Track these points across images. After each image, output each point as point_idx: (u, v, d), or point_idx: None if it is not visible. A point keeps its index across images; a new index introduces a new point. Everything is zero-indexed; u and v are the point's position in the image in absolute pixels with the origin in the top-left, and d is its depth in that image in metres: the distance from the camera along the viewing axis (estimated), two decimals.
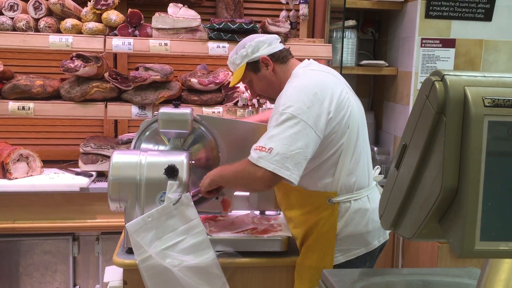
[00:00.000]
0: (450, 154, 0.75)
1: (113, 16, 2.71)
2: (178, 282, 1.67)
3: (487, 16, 3.01)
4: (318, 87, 1.68)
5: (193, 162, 1.94)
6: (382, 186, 1.90)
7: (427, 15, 2.96)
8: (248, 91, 2.83)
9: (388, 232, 1.84)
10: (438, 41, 2.99)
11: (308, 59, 1.88)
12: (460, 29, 3.00)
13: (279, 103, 1.67)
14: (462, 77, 0.76)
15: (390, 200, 0.90)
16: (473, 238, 0.74)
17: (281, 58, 1.84)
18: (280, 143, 1.58)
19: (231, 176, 1.71)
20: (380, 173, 1.90)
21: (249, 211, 2.09)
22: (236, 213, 2.08)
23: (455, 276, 1.21)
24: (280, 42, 1.87)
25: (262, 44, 1.83)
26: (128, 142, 2.80)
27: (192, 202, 1.74)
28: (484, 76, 0.77)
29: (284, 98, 1.66)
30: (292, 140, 1.58)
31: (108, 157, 2.74)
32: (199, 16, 2.75)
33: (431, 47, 2.99)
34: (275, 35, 1.91)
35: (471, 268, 1.27)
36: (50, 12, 2.73)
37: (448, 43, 3.00)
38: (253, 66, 1.84)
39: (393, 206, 0.89)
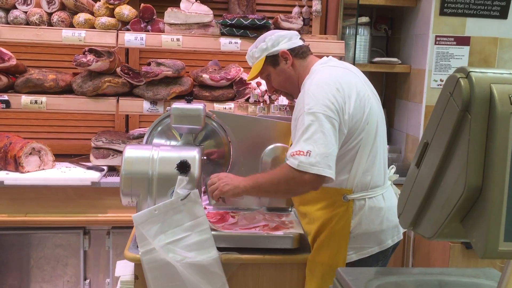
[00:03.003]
0: (475, 152, 0.73)
1: (126, 11, 2.71)
2: (178, 277, 1.66)
3: (503, 13, 2.97)
4: (339, 83, 1.66)
5: (204, 158, 1.93)
6: (396, 185, 1.90)
7: (442, 12, 2.93)
8: (260, 87, 2.84)
9: (402, 231, 1.83)
10: (452, 39, 2.96)
11: (327, 56, 1.87)
12: (475, 27, 2.96)
13: (303, 103, 1.65)
14: (488, 74, 0.75)
15: (410, 199, 0.89)
16: (497, 238, 0.73)
17: (300, 53, 1.83)
18: (316, 143, 1.57)
19: (271, 185, 1.66)
20: (395, 173, 1.89)
21: (260, 208, 2.08)
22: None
23: (472, 277, 1.19)
24: (300, 38, 1.87)
25: (283, 39, 1.82)
26: (139, 137, 2.80)
27: (200, 199, 1.74)
28: (511, 73, 0.76)
29: (308, 97, 1.64)
30: (327, 139, 1.58)
31: (120, 151, 2.75)
32: (211, 12, 2.75)
33: (445, 44, 2.96)
34: (295, 31, 1.90)
35: (488, 268, 1.25)
36: (63, 7, 2.74)
37: (463, 40, 2.97)
38: (272, 60, 1.83)
39: (413, 205, 0.87)
